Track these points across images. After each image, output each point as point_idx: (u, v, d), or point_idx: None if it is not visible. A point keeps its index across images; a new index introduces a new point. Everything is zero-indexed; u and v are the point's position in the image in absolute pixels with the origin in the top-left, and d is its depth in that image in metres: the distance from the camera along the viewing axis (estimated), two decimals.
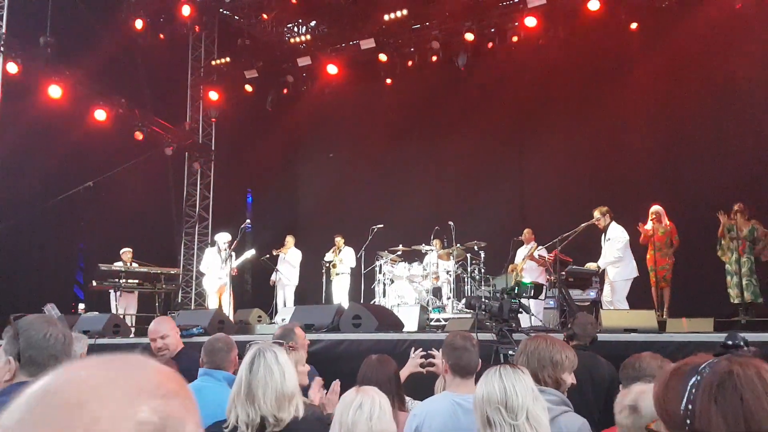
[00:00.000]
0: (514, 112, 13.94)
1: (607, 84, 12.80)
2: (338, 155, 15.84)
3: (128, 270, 11.78)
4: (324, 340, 7.51)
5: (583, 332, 5.32)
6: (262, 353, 2.85)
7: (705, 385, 1.31)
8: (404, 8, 13.58)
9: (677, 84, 12.33)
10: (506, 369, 2.72)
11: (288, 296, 12.95)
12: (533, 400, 2.63)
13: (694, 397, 1.31)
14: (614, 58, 12.83)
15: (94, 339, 9.26)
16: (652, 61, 12.21)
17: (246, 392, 2.79)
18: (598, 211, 9.70)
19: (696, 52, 12.00)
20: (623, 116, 12.85)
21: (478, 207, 13.60)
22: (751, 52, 11.52)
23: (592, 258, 9.75)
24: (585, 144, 13.21)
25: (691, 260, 10.15)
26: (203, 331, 8.66)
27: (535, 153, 14.13)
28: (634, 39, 12.35)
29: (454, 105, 14.55)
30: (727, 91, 11.87)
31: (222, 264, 11.74)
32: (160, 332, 5.16)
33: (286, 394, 2.78)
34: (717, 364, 1.34)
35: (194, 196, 16.54)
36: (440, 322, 10.45)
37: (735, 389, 1.28)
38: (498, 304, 4.76)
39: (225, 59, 16.08)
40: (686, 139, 12.17)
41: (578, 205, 11.13)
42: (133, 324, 12.02)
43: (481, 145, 14.37)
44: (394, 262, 12.16)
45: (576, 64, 13.19)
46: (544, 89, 13.72)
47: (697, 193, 11.24)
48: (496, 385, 2.64)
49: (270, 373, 2.78)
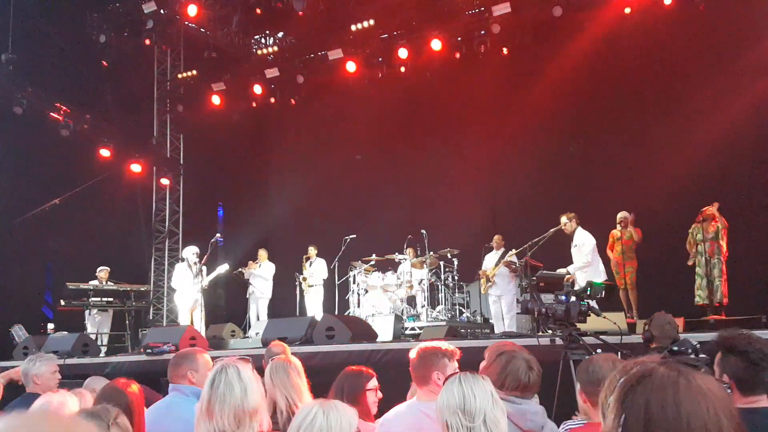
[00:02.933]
0: (484, 119, 14.03)
1: (575, 91, 12.93)
2: (308, 166, 15.76)
3: (96, 288, 11.61)
4: (297, 353, 7.44)
5: (661, 333, 4.94)
6: (224, 369, 2.83)
7: (621, 385, 1.30)
8: (371, 18, 13.62)
9: (640, 83, 12.49)
10: (466, 375, 2.77)
11: (261, 310, 12.84)
12: (492, 404, 2.67)
13: (614, 396, 1.30)
14: (580, 63, 12.95)
15: (63, 359, 9.12)
16: (617, 66, 12.35)
17: (206, 408, 2.77)
18: (565, 216, 9.79)
19: (647, 56, 12.21)
20: (591, 122, 12.99)
21: (451, 215, 13.63)
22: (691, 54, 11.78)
23: (562, 263, 9.83)
24: (554, 150, 13.31)
25: (659, 262, 10.28)
26: (174, 348, 8.56)
27: (506, 160, 14.22)
28: (597, 41, 12.49)
29: (425, 114, 14.60)
30: (688, 95, 12.07)
31: (193, 279, 11.63)
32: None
33: (247, 411, 2.75)
34: (644, 366, 1.31)
35: (163, 211, 16.36)
36: (415, 331, 10.45)
37: (642, 393, 1.25)
38: (564, 307, 4.56)
39: (191, 72, 15.96)
40: (650, 143, 12.31)
41: (548, 210, 11.20)
42: (104, 343, 11.86)
43: (451, 153, 14.43)
44: (368, 272, 12.14)
45: (541, 69, 13.29)
46: (513, 97, 13.83)
47: (662, 197, 11.37)
48: (455, 391, 2.69)
49: (230, 390, 2.75)
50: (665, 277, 10.67)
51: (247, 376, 2.82)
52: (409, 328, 10.75)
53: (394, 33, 13.99)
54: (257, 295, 12.83)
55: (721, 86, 11.45)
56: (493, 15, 12.45)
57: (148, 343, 9.05)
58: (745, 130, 11.51)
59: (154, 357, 8.65)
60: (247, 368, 2.86)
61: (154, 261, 16.00)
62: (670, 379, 1.24)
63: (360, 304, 11.88)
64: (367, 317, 10.75)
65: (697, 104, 11.81)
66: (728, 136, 11.49)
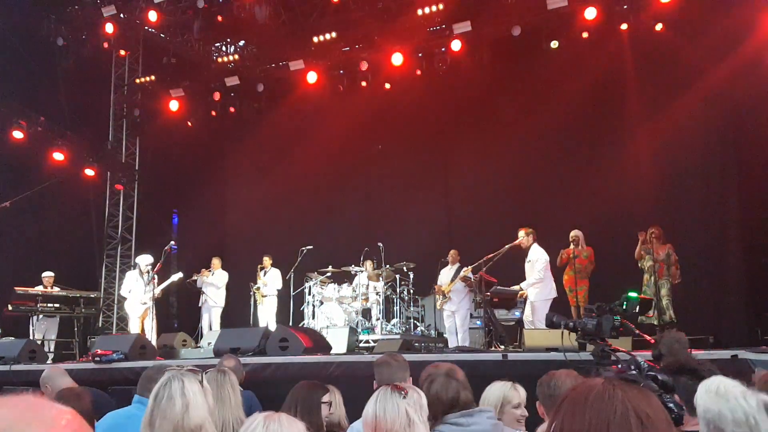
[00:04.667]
0: (439, 134, 14.21)
1: (530, 106, 13.16)
2: (265, 175, 15.69)
3: (45, 294, 11.37)
4: (250, 364, 7.40)
5: (669, 352, 4.76)
6: (169, 383, 2.77)
7: (565, 399, 1.32)
8: (334, 31, 13.69)
9: (596, 105, 12.77)
10: (385, 391, 2.69)
11: (214, 319, 12.70)
12: (407, 425, 2.57)
13: (556, 409, 1.32)
14: (536, 80, 13.20)
15: (9, 366, 8.91)
16: (573, 84, 12.61)
17: (148, 421, 2.73)
18: (523, 230, 9.94)
19: (611, 75, 12.51)
20: (545, 138, 13.21)
21: (407, 228, 13.73)
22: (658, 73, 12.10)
23: (515, 279, 9.97)
24: (508, 166, 13.51)
25: (609, 281, 10.48)
26: (123, 357, 8.43)
27: (461, 175, 14.42)
28: (554, 62, 12.75)
29: (381, 127, 14.67)
30: (641, 113, 12.42)
31: (145, 287, 11.45)
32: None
33: (187, 427, 2.69)
34: (589, 382, 1.32)
35: (116, 216, 16.07)
36: (369, 344, 10.47)
37: (585, 407, 1.25)
38: (594, 322, 4.35)
39: (150, 77, 15.79)
40: (603, 163, 12.58)
41: (503, 226, 11.37)
42: (51, 350, 11.60)
43: (408, 167, 14.54)
44: (324, 284, 12.12)
45: (500, 87, 13.52)
46: (468, 112, 14.02)
47: (614, 216, 11.63)
48: (369, 408, 2.64)
49: (171, 405, 2.70)
50: (617, 295, 10.84)
51: (191, 391, 2.76)
52: (363, 340, 10.77)
53: (356, 46, 14.09)
54: (210, 303, 12.69)
55: (672, 109, 11.80)
56: (454, 33, 12.65)
57: (96, 350, 8.87)
58: (692, 154, 11.91)
59: (102, 365, 8.50)
60: (193, 382, 2.81)
61: (105, 267, 15.70)
62: (614, 397, 1.24)
63: (315, 315, 11.85)
64: (322, 329, 10.73)
65: (650, 126, 12.16)
66: (677, 158, 11.88)
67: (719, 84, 11.32)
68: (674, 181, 12.06)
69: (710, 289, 11.44)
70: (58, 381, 4.90)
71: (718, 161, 11.95)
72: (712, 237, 11.68)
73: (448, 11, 12.65)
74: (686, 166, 12.00)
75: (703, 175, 12.00)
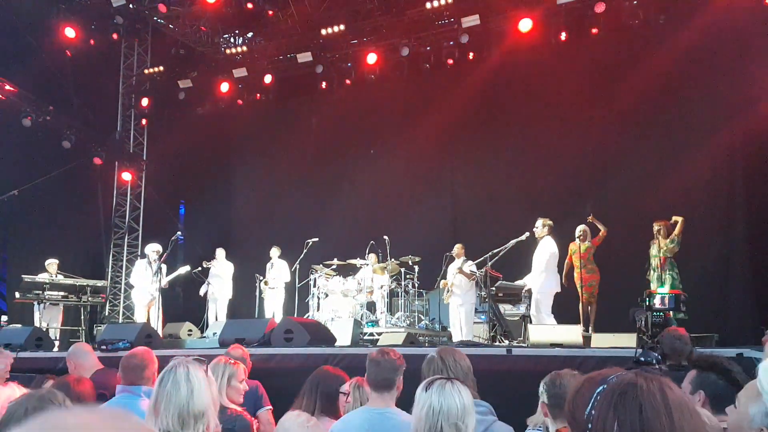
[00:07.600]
0: (447, 128, 14.15)
1: (537, 101, 13.14)
2: (273, 167, 15.72)
3: (53, 282, 11.43)
4: (255, 355, 7.44)
5: (672, 351, 4.72)
6: (174, 369, 2.81)
7: (607, 393, 1.39)
8: (342, 23, 13.68)
9: (604, 101, 12.72)
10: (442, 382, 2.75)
11: (220, 310, 12.75)
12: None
13: (598, 403, 1.39)
14: (544, 75, 13.15)
15: (16, 352, 8.97)
16: (580, 79, 12.57)
17: (153, 405, 2.77)
18: (542, 220, 9.90)
19: (618, 69, 12.46)
20: (554, 134, 13.17)
21: (413, 222, 13.73)
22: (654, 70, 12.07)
23: (521, 274, 9.97)
24: (516, 161, 13.50)
25: (618, 276, 10.45)
26: (129, 346, 8.47)
27: (467, 169, 14.40)
28: (563, 56, 12.72)
29: (389, 120, 14.66)
30: (648, 109, 12.38)
31: (152, 277, 11.51)
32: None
33: (192, 413, 2.74)
34: (624, 375, 1.42)
35: (124, 206, 16.16)
36: (374, 337, 10.49)
37: (635, 399, 1.34)
38: (658, 354, 4.40)
39: (158, 68, 15.83)
40: (613, 156, 12.57)
41: (508, 221, 11.36)
42: (56, 337, 11.67)
43: (415, 160, 14.52)
44: (329, 276, 12.14)
45: (507, 81, 13.48)
46: (476, 106, 13.98)
47: (625, 210, 11.60)
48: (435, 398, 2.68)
49: (176, 390, 2.74)
50: (628, 290, 10.78)
51: (196, 378, 2.80)
52: (367, 333, 10.78)
53: (364, 39, 14.09)
54: (216, 295, 12.73)
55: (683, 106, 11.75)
56: (462, 26, 12.64)
57: (103, 339, 8.94)
58: (699, 152, 11.85)
59: (108, 354, 8.55)
60: (198, 369, 2.85)
61: (112, 257, 15.79)
62: (654, 387, 1.36)
63: (320, 307, 11.88)
64: (327, 321, 10.76)
65: (659, 123, 12.12)
66: (684, 157, 11.82)
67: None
68: (681, 178, 12.00)
69: (715, 288, 11.40)
70: (83, 358, 5.02)
71: (725, 158, 11.87)
72: (717, 234, 11.64)
73: (456, 5, 12.66)
74: (693, 164, 11.94)
75: (710, 170, 11.91)
